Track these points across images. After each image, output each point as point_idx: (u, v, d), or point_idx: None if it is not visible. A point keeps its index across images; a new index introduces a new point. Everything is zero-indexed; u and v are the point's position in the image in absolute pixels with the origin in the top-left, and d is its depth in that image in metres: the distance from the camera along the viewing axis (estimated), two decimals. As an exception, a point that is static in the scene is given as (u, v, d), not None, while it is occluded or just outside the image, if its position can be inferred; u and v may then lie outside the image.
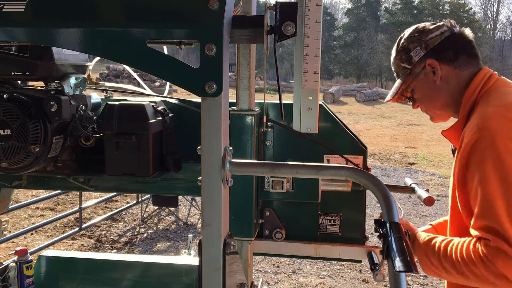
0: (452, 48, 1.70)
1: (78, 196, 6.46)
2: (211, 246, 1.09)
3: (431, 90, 1.74)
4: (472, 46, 1.73)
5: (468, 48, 1.72)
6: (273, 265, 5.51)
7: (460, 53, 1.70)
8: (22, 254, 2.20)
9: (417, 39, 1.73)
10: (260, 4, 3.70)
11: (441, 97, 1.74)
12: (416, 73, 1.74)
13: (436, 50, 1.70)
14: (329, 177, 1.22)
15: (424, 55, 1.71)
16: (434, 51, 1.70)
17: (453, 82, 1.70)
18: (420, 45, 1.72)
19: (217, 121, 1.05)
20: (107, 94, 2.05)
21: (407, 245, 1.01)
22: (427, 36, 1.72)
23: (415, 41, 1.73)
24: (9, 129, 1.55)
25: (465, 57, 1.71)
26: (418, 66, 1.73)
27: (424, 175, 10.40)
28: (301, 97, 1.68)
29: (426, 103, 1.80)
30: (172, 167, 1.77)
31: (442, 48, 1.70)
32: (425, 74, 1.72)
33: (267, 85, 14.15)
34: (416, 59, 1.72)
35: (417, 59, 1.72)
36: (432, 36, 1.72)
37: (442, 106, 1.76)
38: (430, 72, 1.72)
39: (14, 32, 1.14)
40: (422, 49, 1.71)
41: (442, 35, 1.71)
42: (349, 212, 1.95)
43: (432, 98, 1.76)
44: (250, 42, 1.21)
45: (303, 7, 1.61)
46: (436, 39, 1.71)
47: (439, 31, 1.72)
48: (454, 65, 1.70)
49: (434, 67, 1.70)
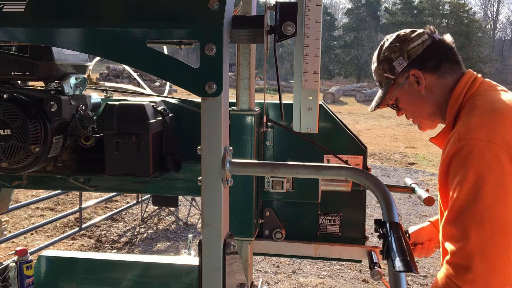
0: (434, 57, 1.69)
1: (78, 196, 6.46)
2: (211, 246, 1.09)
3: (416, 100, 1.73)
4: (453, 53, 1.72)
5: (450, 55, 1.71)
6: (273, 265, 5.51)
7: (443, 61, 1.69)
8: (22, 254, 2.20)
9: (399, 49, 1.71)
10: (260, 4, 3.70)
11: (427, 106, 1.73)
12: (400, 83, 1.72)
13: (418, 60, 1.69)
14: (329, 177, 1.22)
15: (407, 65, 1.69)
16: (417, 60, 1.69)
17: (438, 90, 1.69)
18: (402, 55, 1.70)
19: (217, 121, 1.05)
20: (107, 94, 2.05)
21: (407, 245, 1.01)
22: (408, 45, 1.70)
23: (397, 50, 1.71)
24: (9, 129, 1.55)
25: (448, 64, 1.69)
26: (401, 76, 1.71)
27: (424, 175, 10.40)
28: (301, 97, 1.68)
29: (411, 112, 1.79)
30: (172, 167, 1.77)
31: (424, 58, 1.68)
32: (409, 84, 1.71)
33: (267, 85, 14.15)
34: (399, 70, 1.71)
35: (400, 69, 1.70)
36: (413, 46, 1.70)
37: (428, 115, 1.76)
38: (414, 82, 1.70)
39: (14, 32, 1.14)
40: (404, 59, 1.70)
41: (424, 43, 1.69)
42: (349, 212, 1.95)
43: (418, 108, 1.75)
44: (250, 42, 1.20)
45: (303, 7, 1.61)
46: (418, 48, 1.69)
47: (421, 39, 1.70)
48: (437, 73, 1.69)
49: (418, 77, 1.69)
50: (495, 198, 1.39)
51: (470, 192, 1.41)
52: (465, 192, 1.42)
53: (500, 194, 1.40)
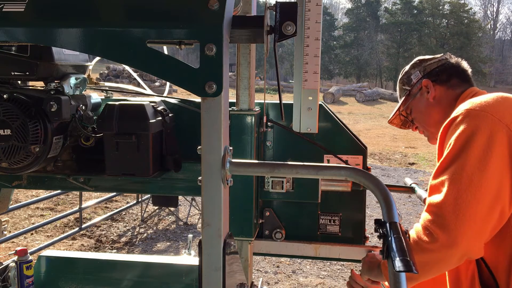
0: (446, 72, 1.89)
1: (78, 196, 6.46)
2: (211, 246, 1.09)
3: (425, 108, 1.91)
4: (466, 74, 1.91)
5: (461, 73, 1.91)
6: (273, 265, 5.51)
7: (454, 76, 1.88)
8: (22, 254, 2.20)
9: (417, 65, 1.96)
10: (260, 4, 3.70)
11: (434, 114, 1.89)
12: (414, 93, 1.93)
13: (432, 73, 1.91)
14: (329, 177, 1.22)
15: (421, 77, 1.92)
16: (430, 74, 1.91)
17: (445, 101, 1.87)
18: (419, 69, 1.94)
19: (217, 121, 1.05)
20: (107, 94, 2.05)
21: (407, 245, 1.01)
22: (426, 62, 1.94)
23: (416, 66, 1.96)
24: (9, 129, 1.55)
25: (457, 80, 1.88)
26: (416, 87, 1.93)
27: (424, 175, 10.39)
28: (301, 97, 1.68)
29: (421, 120, 1.96)
30: (172, 167, 1.77)
31: (437, 72, 1.90)
32: (421, 94, 1.92)
33: (267, 85, 14.15)
34: (414, 81, 1.94)
35: (416, 81, 1.93)
36: (430, 63, 1.93)
37: (435, 123, 1.88)
38: (425, 92, 1.90)
39: (14, 32, 1.14)
40: (420, 72, 1.93)
41: (439, 62, 1.92)
42: (349, 212, 1.95)
43: (426, 116, 1.92)
44: (250, 42, 1.21)
45: (303, 7, 1.61)
46: (433, 65, 1.92)
47: (437, 59, 1.94)
48: (446, 85, 1.88)
49: (428, 87, 1.88)
50: (479, 158, 1.49)
51: (457, 151, 1.52)
52: (453, 151, 1.54)
53: (484, 156, 1.49)
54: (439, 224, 1.48)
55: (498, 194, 1.47)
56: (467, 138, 1.51)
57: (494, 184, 1.47)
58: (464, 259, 1.52)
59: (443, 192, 1.50)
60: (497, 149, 1.48)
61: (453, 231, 1.46)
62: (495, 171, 1.48)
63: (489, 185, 1.47)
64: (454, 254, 1.48)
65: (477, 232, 1.47)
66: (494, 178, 1.47)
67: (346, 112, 21.90)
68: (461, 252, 1.47)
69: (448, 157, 1.54)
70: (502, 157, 1.48)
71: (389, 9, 45.62)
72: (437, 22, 43.53)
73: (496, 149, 1.48)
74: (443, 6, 43.73)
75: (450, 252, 1.48)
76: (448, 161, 1.54)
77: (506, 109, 1.56)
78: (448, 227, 1.46)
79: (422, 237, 1.52)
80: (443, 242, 1.47)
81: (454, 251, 1.47)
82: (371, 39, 43.98)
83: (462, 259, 1.52)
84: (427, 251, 1.50)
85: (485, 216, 1.47)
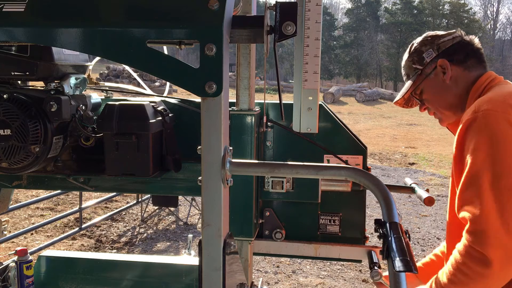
0: (462, 51, 1.77)
1: (78, 196, 6.46)
2: (211, 246, 1.09)
3: (440, 90, 1.79)
4: (480, 53, 1.80)
5: (478, 53, 1.79)
6: (273, 265, 5.51)
7: (470, 56, 1.77)
8: (22, 254, 2.20)
9: (430, 42, 1.81)
10: (260, 4, 3.70)
11: (449, 96, 1.78)
12: (427, 73, 1.80)
13: (447, 52, 1.77)
14: (329, 177, 1.22)
15: (436, 56, 1.78)
16: (446, 52, 1.77)
17: (461, 82, 1.76)
18: (432, 47, 1.79)
19: (217, 121, 1.05)
20: (107, 94, 2.05)
21: (407, 245, 1.01)
22: (439, 40, 1.80)
23: (428, 43, 1.81)
24: (9, 129, 1.55)
25: (474, 60, 1.77)
26: (429, 66, 1.79)
27: (424, 175, 10.40)
28: (301, 97, 1.68)
29: (434, 103, 1.84)
30: (172, 167, 1.77)
31: (453, 51, 1.77)
32: (435, 74, 1.78)
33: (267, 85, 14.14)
34: (428, 60, 1.79)
35: (429, 60, 1.79)
36: (444, 40, 1.79)
37: (450, 105, 1.80)
38: (440, 72, 1.77)
39: (14, 32, 1.14)
40: (434, 50, 1.78)
41: (454, 39, 1.79)
42: (349, 212, 1.95)
43: (441, 98, 1.80)
44: (250, 42, 1.21)
45: (303, 7, 1.60)
46: (447, 42, 1.78)
47: (451, 36, 1.80)
48: (463, 66, 1.76)
49: (445, 67, 1.76)
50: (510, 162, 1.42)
51: (486, 157, 1.45)
52: (481, 157, 1.46)
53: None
54: (488, 244, 1.39)
55: None
56: (492, 142, 1.45)
57: None
58: None
59: (483, 207, 1.41)
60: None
61: (508, 247, 1.38)
62: None
63: None
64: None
65: None
66: None
67: (346, 112, 21.91)
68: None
69: (477, 164, 1.46)
70: None
71: (389, 9, 45.60)
72: (437, 22, 43.46)
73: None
74: (443, 6, 43.71)
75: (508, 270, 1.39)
76: (477, 169, 1.45)
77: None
78: (501, 243, 1.38)
79: (471, 265, 1.42)
80: (501, 261, 1.38)
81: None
82: (371, 39, 43.95)
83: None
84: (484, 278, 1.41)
85: None
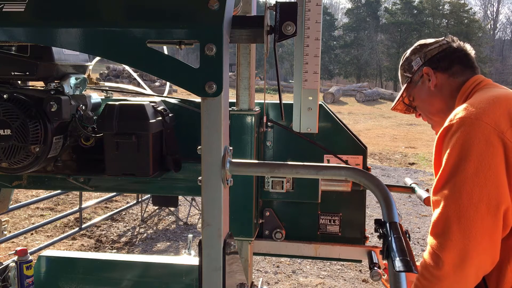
0: (447, 59, 1.82)
1: (78, 196, 6.45)
2: (211, 246, 1.09)
3: (427, 97, 1.85)
4: (468, 59, 1.83)
5: (464, 59, 1.82)
6: (273, 265, 5.51)
7: (455, 63, 1.81)
8: (22, 254, 2.20)
9: (418, 51, 1.88)
10: (260, 4, 3.70)
11: (436, 102, 1.83)
12: (416, 81, 1.87)
13: (432, 60, 1.83)
14: (329, 177, 1.22)
15: (422, 64, 1.84)
16: (431, 60, 1.83)
17: (446, 89, 1.81)
18: (420, 55, 1.86)
19: (217, 121, 1.05)
20: (107, 94, 2.05)
21: (407, 245, 1.01)
22: (427, 48, 1.86)
23: (416, 52, 1.88)
24: (9, 129, 1.55)
25: (459, 66, 1.81)
26: (417, 74, 1.86)
27: (424, 175, 10.39)
28: (301, 97, 1.68)
29: (423, 109, 1.90)
30: (172, 167, 1.77)
31: (438, 59, 1.82)
32: (422, 82, 1.85)
33: (267, 85, 14.14)
34: (415, 68, 1.86)
35: (416, 68, 1.86)
36: (430, 48, 1.85)
37: (437, 111, 1.84)
38: (426, 80, 1.83)
39: (14, 32, 1.14)
40: (421, 59, 1.85)
41: (440, 47, 1.84)
42: (349, 212, 1.95)
43: (429, 104, 1.86)
44: (250, 42, 1.21)
45: (303, 7, 1.61)
46: (433, 51, 1.84)
47: (438, 44, 1.86)
48: (448, 73, 1.81)
49: (429, 74, 1.82)
50: (476, 171, 1.45)
51: (454, 164, 1.48)
52: (450, 164, 1.50)
53: (481, 168, 1.45)
54: (445, 246, 1.43)
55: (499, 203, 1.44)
56: (462, 150, 1.47)
57: (494, 195, 1.44)
58: (481, 276, 1.47)
59: (444, 211, 1.46)
60: (494, 159, 1.45)
61: (462, 250, 1.41)
62: (493, 182, 1.44)
63: (490, 197, 1.43)
64: (468, 274, 1.43)
65: (487, 246, 1.43)
66: (493, 189, 1.44)
67: (346, 112, 21.90)
68: (475, 269, 1.43)
69: (446, 171, 1.50)
70: (499, 166, 1.45)
71: (389, 9, 45.60)
72: (437, 22, 43.49)
73: (492, 160, 1.45)
74: (443, 6, 43.72)
75: (461, 273, 1.43)
76: (446, 176, 1.50)
77: (502, 114, 1.50)
78: (456, 246, 1.42)
79: (430, 268, 1.46)
80: (453, 262, 1.42)
81: (467, 271, 1.43)
82: (371, 39, 43.94)
83: (479, 277, 1.47)
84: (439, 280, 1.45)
85: (491, 227, 1.43)
